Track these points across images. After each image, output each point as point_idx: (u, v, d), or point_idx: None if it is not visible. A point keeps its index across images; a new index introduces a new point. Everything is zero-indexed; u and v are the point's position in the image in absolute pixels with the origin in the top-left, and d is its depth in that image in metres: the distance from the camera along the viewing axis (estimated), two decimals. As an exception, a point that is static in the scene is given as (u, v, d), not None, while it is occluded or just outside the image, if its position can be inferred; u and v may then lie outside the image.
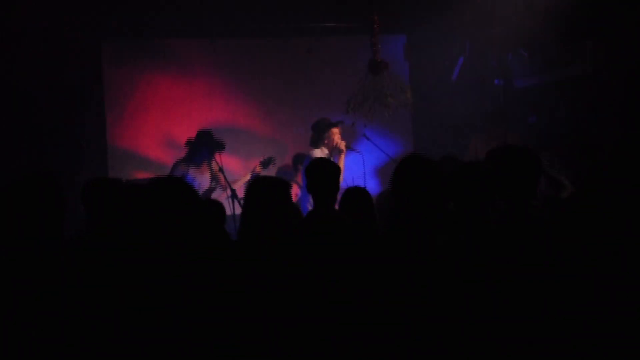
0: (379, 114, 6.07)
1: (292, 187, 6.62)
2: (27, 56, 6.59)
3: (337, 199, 3.72)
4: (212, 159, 6.20)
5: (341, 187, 6.17)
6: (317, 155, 6.04)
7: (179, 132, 7.31)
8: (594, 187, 2.87)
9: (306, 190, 3.51)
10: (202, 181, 6.24)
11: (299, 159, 6.99)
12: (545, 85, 6.92)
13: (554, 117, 6.80)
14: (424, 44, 7.82)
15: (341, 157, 6.25)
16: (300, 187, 6.88)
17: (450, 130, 7.47)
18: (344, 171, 6.24)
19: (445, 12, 7.02)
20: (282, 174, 7.07)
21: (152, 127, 7.52)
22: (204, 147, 6.16)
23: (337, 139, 6.25)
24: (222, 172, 6.14)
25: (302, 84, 7.80)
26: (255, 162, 6.68)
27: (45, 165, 6.43)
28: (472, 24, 7.29)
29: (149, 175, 7.06)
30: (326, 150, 6.23)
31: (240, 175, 6.77)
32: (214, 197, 6.18)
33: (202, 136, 6.22)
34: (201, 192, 6.14)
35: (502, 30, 7.00)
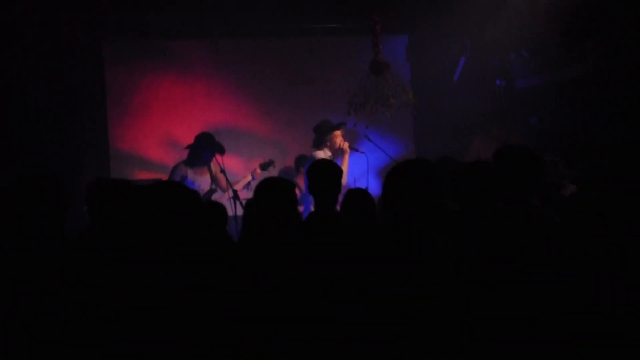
0: (381, 115, 6.07)
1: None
2: (28, 57, 6.59)
3: (339, 200, 3.72)
4: (211, 161, 6.19)
5: (344, 187, 6.22)
6: (320, 157, 6.01)
7: (180, 132, 7.32)
8: (595, 187, 2.87)
9: (307, 191, 3.51)
10: (202, 183, 6.23)
11: (301, 161, 6.99)
12: (546, 85, 6.92)
13: (555, 118, 6.80)
14: (425, 44, 7.81)
15: (345, 158, 6.28)
16: (300, 189, 6.89)
17: (451, 130, 7.46)
18: (347, 172, 6.29)
19: (446, 13, 7.02)
20: (283, 176, 7.07)
21: (153, 128, 7.51)
22: (203, 150, 6.14)
23: (340, 141, 6.26)
24: (224, 173, 6.13)
25: (303, 85, 7.79)
26: (256, 163, 6.69)
27: (46, 166, 6.43)
28: (474, 25, 7.29)
29: (151, 175, 7.07)
30: (329, 152, 6.24)
31: (241, 176, 6.77)
32: (216, 198, 6.19)
33: (202, 139, 6.19)
34: (201, 194, 6.11)
35: (503, 30, 7.00)
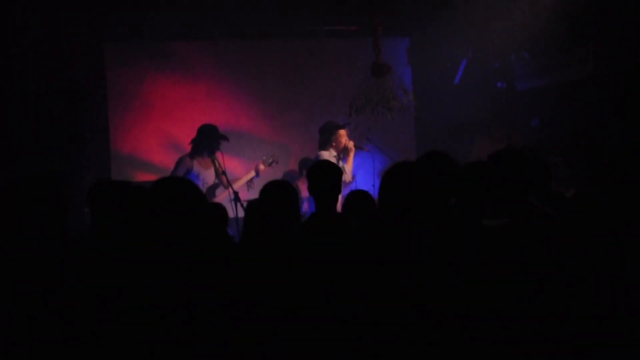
0: (382, 117, 6.08)
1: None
2: (29, 59, 6.61)
3: (340, 201, 3.72)
4: (215, 153, 6.19)
5: (351, 187, 6.27)
6: (325, 157, 6.12)
7: (181, 134, 7.31)
8: (596, 187, 2.87)
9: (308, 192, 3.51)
10: (207, 177, 6.23)
11: (305, 164, 6.98)
12: (547, 87, 6.92)
13: (557, 120, 6.80)
14: (426, 46, 7.82)
15: (350, 157, 6.34)
16: (300, 192, 6.90)
17: (453, 132, 7.47)
18: (353, 170, 6.39)
19: (447, 15, 7.02)
20: (286, 178, 7.07)
21: (154, 129, 7.51)
22: (206, 139, 6.16)
23: (345, 140, 6.31)
24: (225, 175, 6.13)
25: (304, 87, 7.79)
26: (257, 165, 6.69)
27: (47, 167, 6.43)
28: (475, 27, 7.29)
29: (152, 177, 7.07)
30: (334, 152, 6.30)
31: (242, 177, 6.75)
32: (219, 195, 6.21)
33: (206, 129, 6.23)
34: (206, 187, 6.17)
35: (504, 32, 7.01)
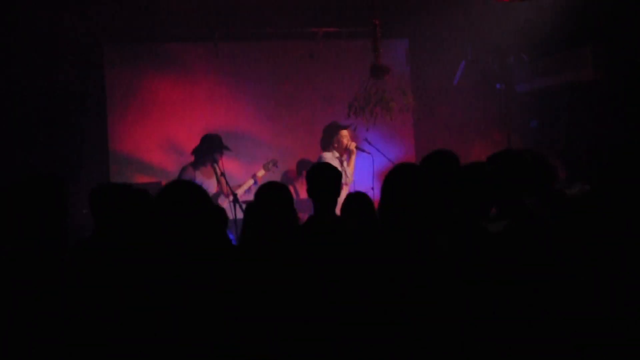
0: (381, 118, 6.08)
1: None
2: (28, 60, 6.60)
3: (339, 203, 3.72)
4: (217, 162, 6.21)
5: (350, 188, 6.29)
6: (328, 158, 6.23)
7: (180, 136, 7.32)
8: (596, 189, 2.87)
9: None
10: (209, 186, 6.24)
11: (303, 166, 6.99)
12: (546, 89, 6.93)
13: (555, 122, 6.81)
14: (425, 48, 7.82)
15: (351, 158, 6.43)
16: (297, 193, 6.93)
17: (451, 134, 7.47)
18: (354, 172, 6.45)
19: (447, 17, 7.03)
20: (285, 180, 7.08)
21: (153, 131, 7.50)
22: (209, 149, 6.19)
23: (347, 141, 6.40)
24: (224, 177, 6.14)
25: (304, 88, 7.79)
26: (256, 167, 6.70)
27: (46, 168, 6.43)
28: (474, 29, 7.30)
29: (151, 178, 7.07)
30: (337, 153, 6.38)
31: (241, 179, 6.75)
32: (220, 204, 6.22)
33: (208, 139, 6.26)
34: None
35: (503, 34, 7.02)
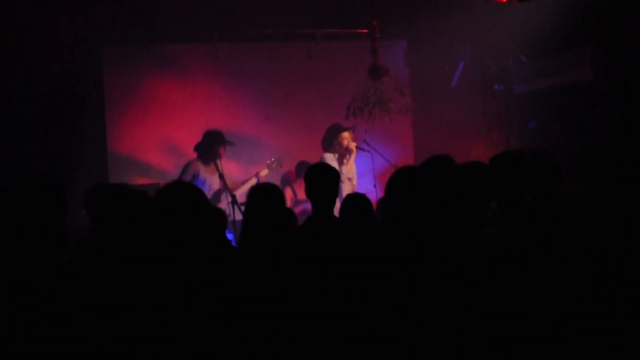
0: (380, 119, 6.09)
1: (287, 193, 6.71)
2: (27, 61, 6.60)
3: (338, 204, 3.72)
4: (219, 157, 6.23)
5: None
6: (329, 159, 6.31)
7: (179, 137, 7.32)
8: (594, 189, 2.88)
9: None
10: (213, 182, 6.29)
11: (302, 167, 7.00)
12: (545, 90, 6.94)
13: (554, 123, 6.81)
14: (424, 49, 7.83)
15: (351, 157, 6.50)
16: (295, 195, 6.93)
17: (450, 135, 7.47)
18: (353, 171, 6.52)
19: (445, 18, 7.04)
20: (284, 181, 7.09)
21: (152, 132, 7.49)
22: (212, 144, 6.23)
23: (347, 142, 6.48)
24: (222, 179, 6.14)
25: (302, 89, 7.80)
26: (255, 168, 6.70)
27: (45, 169, 6.42)
28: (472, 30, 7.31)
29: (150, 180, 7.07)
30: (337, 154, 6.47)
31: (240, 180, 6.75)
32: (223, 200, 6.23)
33: (211, 134, 6.31)
34: (212, 193, 6.27)
35: (502, 35, 7.02)
